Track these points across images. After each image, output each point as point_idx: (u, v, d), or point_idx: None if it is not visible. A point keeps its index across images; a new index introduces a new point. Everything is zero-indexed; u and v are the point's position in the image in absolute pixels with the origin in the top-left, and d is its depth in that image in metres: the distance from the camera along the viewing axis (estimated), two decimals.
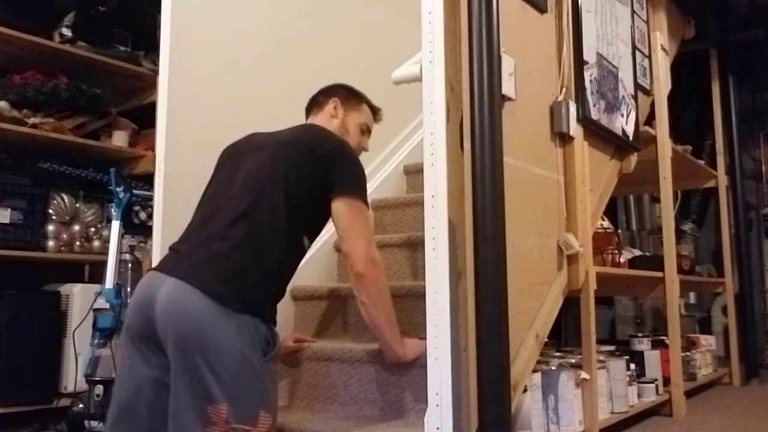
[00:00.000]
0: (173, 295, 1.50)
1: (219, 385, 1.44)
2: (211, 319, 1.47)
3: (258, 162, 1.75)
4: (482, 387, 1.51)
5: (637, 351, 2.83)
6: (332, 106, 2.02)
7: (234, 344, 1.47)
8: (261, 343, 1.51)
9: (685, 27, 3.49)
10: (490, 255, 1.53)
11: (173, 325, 1.48)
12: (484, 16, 1.62)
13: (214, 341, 1.45)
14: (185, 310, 1.48)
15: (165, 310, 1.50)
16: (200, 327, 1.46)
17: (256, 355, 1.49)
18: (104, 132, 3.04)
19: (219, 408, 1.43)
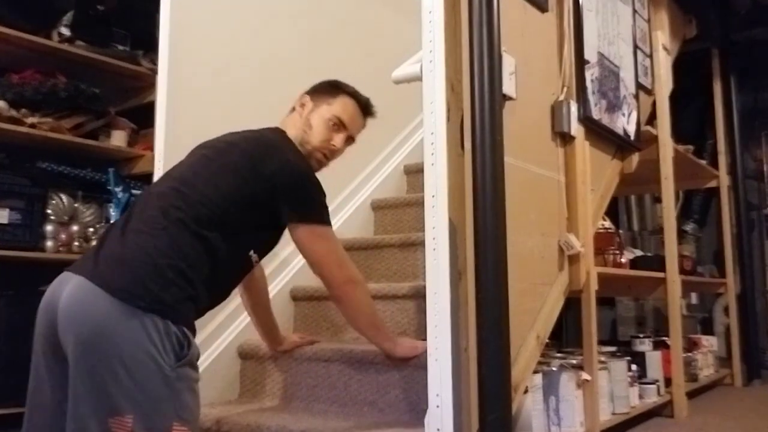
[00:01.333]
0: (74, 294, 1.37)
1: (122, 393, 1.29)
2: (114, 319, 1.32)
3: (197, 160, 1.65)
4: (483, 388, 1.50)
5: (639, 352, 2.82)
6: (300, 101, 1.89)
7: (139, 347, 1.32)
8: (173, 347, 1.36)
9: (686, 26, 3.48)
10: (490, 255, 1.52)
11: (72, 327, 1.34)
12: (485, 14, 1.61)
13: (115, 343, 1.31)
14: (85, 309, 1.34)
15: (65, 311, 1.36)
16: (101, 328, 1.32)
17: (167, 359, 1.34)
18: (103, 132, 3.03)
19: (124, 420, 1.29)
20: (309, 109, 1.86)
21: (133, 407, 1.30)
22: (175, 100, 2.15)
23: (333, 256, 1.72)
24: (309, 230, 1.67)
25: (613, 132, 2.47)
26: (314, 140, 1.82)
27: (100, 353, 1.31)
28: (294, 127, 1.84)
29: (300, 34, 2.64)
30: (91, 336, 1.32)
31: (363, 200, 2.83)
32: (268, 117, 2.47)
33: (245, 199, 1.58)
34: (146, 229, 1.46)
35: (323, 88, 1.91)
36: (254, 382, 2.16)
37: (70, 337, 1.34)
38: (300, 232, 1.66)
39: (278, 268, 2.40)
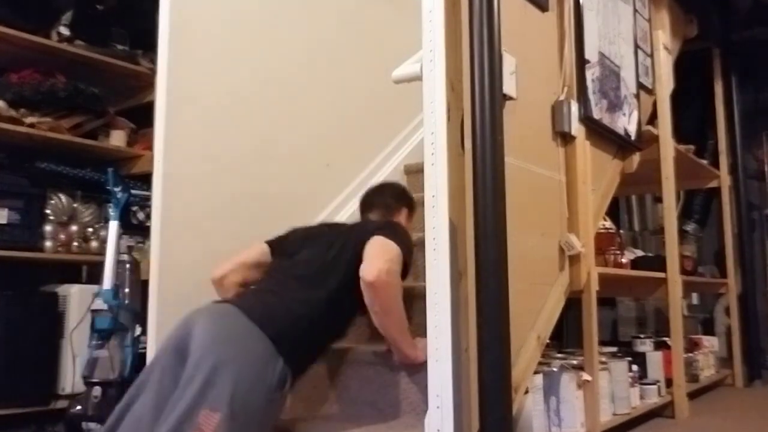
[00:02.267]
0: (227, 314, 1.63)
1: (229, 394, 1.45)
2: (250, 338, 1.57)
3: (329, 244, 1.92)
4: (483, 389, 1.49)
5: (640, 352, 2.82)
6: (403, 216, 2.16)
7: (258, 366, 1.54)
8: (278, 380, 1.58)
9: (687, 26, 3.47)
10: (491, 255, 1.52)
11: (211, 331, 1.56)
12: (485, 14, 1.60)
13: (243, 356, 1.53)
14: (231, 324, 1.60)
15: (211, 320, 1.60)
16: (236, 339, 1.56)
17: (273, 382, 1.56)
18: (102, 131, 3.03)
19: (212, 416, 1.42)
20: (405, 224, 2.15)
21: (227, 409, 1.44)
22: (174, 99, 2.15)
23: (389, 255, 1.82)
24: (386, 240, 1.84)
25: (613, 132, 2.46)
26: None
27: (226, 356, 1.51)
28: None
29: (300, 33, 2.64)
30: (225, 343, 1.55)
31: None
32: (267, 116, 2.48)
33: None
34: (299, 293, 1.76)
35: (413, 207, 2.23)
36: None
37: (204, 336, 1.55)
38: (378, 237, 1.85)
39: None
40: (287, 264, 1.90)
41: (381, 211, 2.14)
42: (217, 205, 2.23)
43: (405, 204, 2.18)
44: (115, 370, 2.25)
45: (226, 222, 2.24)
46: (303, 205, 2.56)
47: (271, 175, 2.43)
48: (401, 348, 1.82)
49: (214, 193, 2.22)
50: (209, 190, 2.21)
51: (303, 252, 1.93)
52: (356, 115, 2.85)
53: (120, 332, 2.30)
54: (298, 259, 1.90)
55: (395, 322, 1.79)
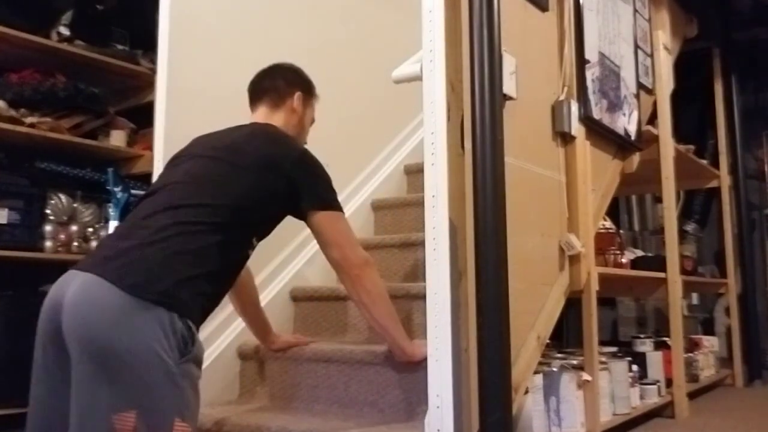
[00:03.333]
0: (82, 289, 1.36)
1: (126, 389, 1.29)
2: (120, 312, 1.32)
3: (203, 162, 1.65)
4: (483, 388, 1.49)
5: (640, 352, 2.82)
6: (297, 101, 1.91)
7: (145, 341, 1.31)
8: (178, 343, 1.35)
9: (687, 25, 3.47)
10: (491, 255, 1.52)
11: (78, 321, 1.32)
12: (485, 14, 1.60)
13: (121, 338, 1.30)
14: (91, 302, 1.33)
15: (72, 306, 1.34)
16: (107, 321, 1.31)
17: (171, 355, 1.33)
18: (102, 131, 3.02)
19: (126, 416, 1.27)
20: (302, 109, 1.92)
21: (137, 403, 1.28)
22: (174, 99, 2.15)
23: (351, 235, 1.77)
24: (329, 216, 1.72)
25: (613, 132, 2.46)
26: (302, 139, 1.93)
27: (106, 348, 1.29)
28: (289, 127, 1.88)
29: (300, 33, 2.63)
30: (98, 330, 1.30)
31: (363, 200, 2.82)
32: None
33: (263, 194, 1.63)
34: (155, 226, 1.45)
35: (307, 87, 1.97)
36: (254, 382, 2.15)
37: (78, 331, 1.32)
38: (320, 218, 1.71)
39: (278, 268, 2.39)
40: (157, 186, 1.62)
41: (271, 97, 1.89)
42: None
43: (299, 86, 1.93)
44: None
45: None
46: None
47: None
48: (396, 340, 1.80)
49: None
50: None
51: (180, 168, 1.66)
52: (356, 115, 2.85)
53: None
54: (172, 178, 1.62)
55: (385, 310, 1.77)
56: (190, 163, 1.66)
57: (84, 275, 1.38)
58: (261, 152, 1.68)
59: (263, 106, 1.91)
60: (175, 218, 1.47)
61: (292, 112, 1.90)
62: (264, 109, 1.90)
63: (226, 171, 1.61)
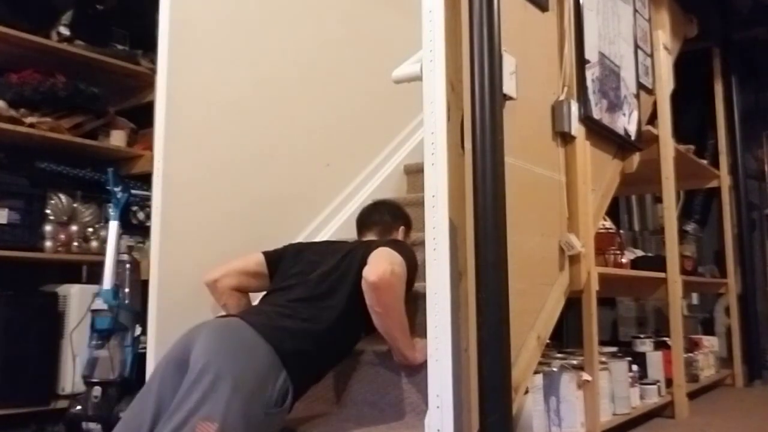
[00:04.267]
0: (231, 326, 1.62)
1: (226, 405, 1.44)
2: (253, 349, 1.56)
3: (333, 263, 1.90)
4: (483, 388, 1.49)
5: (640, 352, 2.82)
6: (401, 234, 2.16)
7: (260, 377, 1.53)
8: (279, 394, 1.56)
9: (687, 25, 3.47)
10: (491, 255, 1.52)
11: (213, 342, 1.55)
12: (485, 14, 1.60)
13: (245, 366, 1.52)
14: (234, 335, 1.58)
15: (213, 332, 1.59)
16: (239, 349, 1.55)
17: (273, 396, 1.54)
18: (102, 131, 3.03)
19: (209, 426, 1.41)
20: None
21: (223, 420, 1.42)
22: (174, 99, 2.15)
23: (393, 259, 1.81)
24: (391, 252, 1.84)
25: (613, 132, 2.46)
26: None
27: (229, 365, 1.49)
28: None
29: (300, 33, 2.63)
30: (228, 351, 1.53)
31: (363, 200, 2.82)
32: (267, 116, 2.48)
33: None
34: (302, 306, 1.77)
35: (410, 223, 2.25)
36: None
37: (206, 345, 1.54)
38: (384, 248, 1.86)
39: None
40: (291, 283, 1.88)
41: (378, 229, 2.13)
42: (217, 204, 2.23)
43: (402, 222, 2.18)
44: (115, 370, 2.25)
45: (226, 222, 2.24)
46: (303, 205, 2.56)
47: (270, 174, 2.43)
48: (401, 349, 1.82)
49: (214, 193, 2.22)
50: (209, 190, 2.21)
51: (307, 271, 1.90)
52: (356, 115, 2.85)
53: (120, 332, 2.30)
54: (304, 278, 1.88)
55: (396, 323, 1.79)
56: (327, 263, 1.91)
57: (238, 320, 1.65)
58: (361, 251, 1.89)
59: (371, 235, 2.14)
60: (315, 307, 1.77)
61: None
62: (370, 236, 2.13)
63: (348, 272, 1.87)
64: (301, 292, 1.83)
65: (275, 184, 2.44)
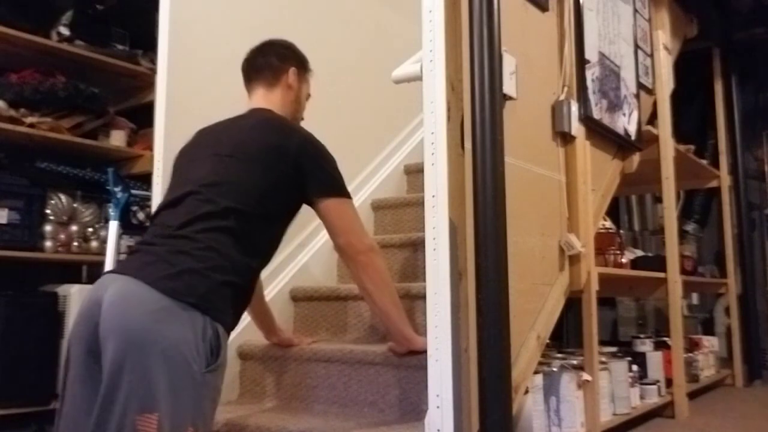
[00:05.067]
0: (121, 289, 1.38)
1: (155, 390, 1.28)
2: (156, 312, 1.34)
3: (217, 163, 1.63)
4: (483, 388, 1.49)
5: (640, 352, 2.82)
6: (292, 77, 1.89)
7: (178, 346, 1.32)
8: (206, 351, 1.37)
9: (687, 25, 3.47)
10: (491, 255, 1.52)
11: (117, 318, 1.34)
12: (485, 14, 1.60)
13: (155, 340, 1.31)
14: (130, 300, 1.35)
15: (109, 305, 1.35)
16: (143, 322, 1.32)
17: (198, 363, 1.35)
18: (102, 131, 3.02)
19: (151, 418, 1.28)
20: (297, 85, 1.91)
21: (162, 405, 1.29)
22: (174, 99, 2.15)
23: (358, 222, 1.77)
24: (338, 201, 1.74)
25: (613, 132, 2.46)
26: (299, 116, 1.94)
27: (141, 349, 1.30)
28: (286, 104, 1.88)
29: (300, 33, 2.63)
30: (134, 331, 1.32)
31: (363, 200, 2.82)
32: None
33: (274, 185, 1.63)
34: (188, 235, 1.48)
35: (301, 61, 1.95)
36: (254, 382, 2.15)
37: (115, 325, 1.33)
38: (329, 204, 1.73)
39: (278, 268, 2.39)
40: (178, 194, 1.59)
41: (267, 76, 1.87)
42: None
43: (293, 61, 1.91)
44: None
45: None
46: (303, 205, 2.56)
47: None
48: (399, 326, 1.80)
49: None
50: None
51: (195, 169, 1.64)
52: (356, 115, 2.85)
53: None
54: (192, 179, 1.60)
55: (389, 297, 1.78)
56: (206, 165, 1.65)
57: (123, 278, 1.40)
58: (265, 144, 1.68)
59: (259, 87, 1.88)
60: (204, 226, 1.50)
61: (288, 89, 1.89)
62: (260, 90, 1.88)
63: (239, 170, 1.61)
64: (192, 206, 1.54)
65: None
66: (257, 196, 1.59)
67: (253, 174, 1.61)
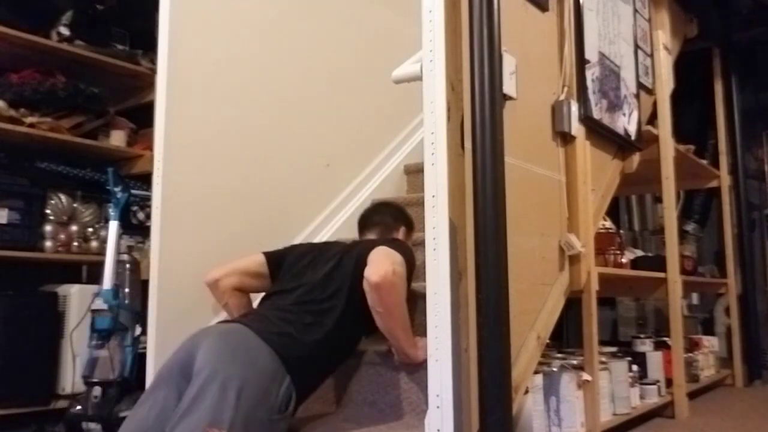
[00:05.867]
0: (234, 332, 1.64)
1: (233, 411, 1.46)
2: (258, 355, 1.58)
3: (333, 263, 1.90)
4: (483, 388, 1.49)
5: (640, 352, 2.82)
6: (402, 235, 2.16)
7: (265, 383, 1.55)
8: (283, 400, 1.58)
9: (687, 25, 3.47)
10: (491, 255, 1.52)
11: (217, 348, 1.56)
12: (485, 14, 1.60)
13: (249, 372, 1.53)
14: (238, 341, 1.60)
15: (217, 338, 1.61)
16: (243, 355, 1.56)
17: (275, 404, 1.57)
18: (102, 131, 3.02)
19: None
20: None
21: (231, 425, 1.45)
22: (174, 99, 2.15)
23: (395, 259, 1.82)
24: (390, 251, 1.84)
25: (613, 132, 2.46)
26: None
27: (235, 372, 1.51)
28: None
29: (300, 33, 2.63)
30: (233, 357, 1.55)
31: (363, 200, 2.82)
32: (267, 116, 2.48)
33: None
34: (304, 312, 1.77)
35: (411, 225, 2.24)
36: None
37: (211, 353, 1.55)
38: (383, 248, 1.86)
39: None
40: (292, 286, 1.88)
41: (380, 230, 2.14)
42: (217, 205, 2.23)
43: (403, 222, 2.19)
44: (115, 370, 2.25)
45: (226, 222, 2.24)
46: (303, 205, 2.56)
47: (271, 174, 2.43)
48: (403, 348, 1.83)
49: (214, 193, 2.22)
50: (209, 190, 2.21)
51: (308, 273, 1.91)
52: (356, 115, 2.85)
53: (120, 332, 2.30)
54: (304, 280, 1.88)
55: (398, 323, 1.79)
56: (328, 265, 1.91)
57: (239, 325, 1.67)
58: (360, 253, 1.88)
59: (371, 235, 2.14)
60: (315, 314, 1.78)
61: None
62: (371, 236, 2.14)
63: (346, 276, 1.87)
64: (302, 295, 1.83)
65: (275, 184, 2.44)
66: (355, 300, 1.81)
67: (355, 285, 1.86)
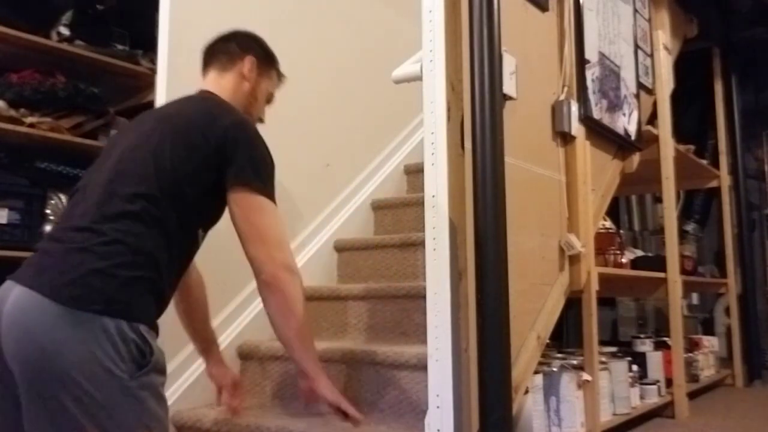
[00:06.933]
0: (15, 308, 1.21)
1: (81, 414, 1.16)
2: (62, 330, 1.17)
3: (133, 141, 1.45)
4: (483, 389, 1.49)
5: (640, 352, 2.82)
6: (248, 65, 1.70)
7: (92, 358, 1.17)
8: (132, 354, 1.22)
9: (687, 25, 3.47)
10: (491, 255, 1.52)
11: (18, 346, 1.19)
12: (485, 14, 1.60)
13: (66, 359, 1.16)
14: (28, 324, 1.19)
15: (8, 330, 1.20)
16: (48, 343, 1.17)
17: (125, 368, 1.21)
18: (102, 131, 3.02)
19: None
20: (255, 77, 1.72)
21: (96, 425, 1.17)
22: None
23: (272, 232, 1.49)
24: (251, 198, 1.47)
25: (613, 132, 2.46)
26: (255, 114, 1.75)
27: (51, 373, 1.17)
28: (238, 94, 1.69)
29: (300, 33, 2.63)
30: (39, 354, 1.17)
31: (363, 200, 2.82)
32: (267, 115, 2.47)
33: (196, 165, 1.43)
34: (91, 226, 1.30)
35: (264, 55, 1.77)
36: (254, 382, 2.15)
37: (18, 357, 1.19)
38: (240, 198, 1.46)
39: None
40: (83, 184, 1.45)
41: (222, 60, 1.71)
42: None
43: (253, 51, 1.73)
44: None
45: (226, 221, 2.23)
46: (302, 205, 2.56)
47: None
48: (303, 360, 1.54)
49: None
50: None
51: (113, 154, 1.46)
52: (356, 115, 2.85)
53: None
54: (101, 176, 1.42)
55: (293, 328, 1.49)
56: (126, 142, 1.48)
57: (19, 289, 1.23)
58: (192, 122, 1.48)
59: (213, 70, 1.71)
60: (108, 215, 1.31)
61: (241, 78, 1.70)
62: (213, 73, 1.71)
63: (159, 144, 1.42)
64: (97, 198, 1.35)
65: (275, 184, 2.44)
66: (173, 177, 1.39)
67: (174, 149, 1.41)
